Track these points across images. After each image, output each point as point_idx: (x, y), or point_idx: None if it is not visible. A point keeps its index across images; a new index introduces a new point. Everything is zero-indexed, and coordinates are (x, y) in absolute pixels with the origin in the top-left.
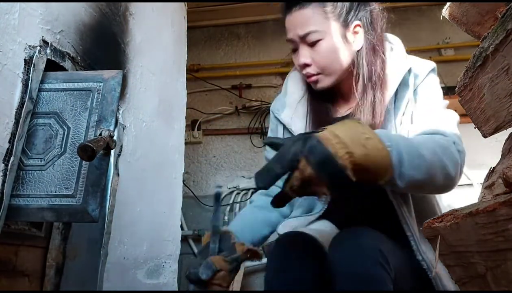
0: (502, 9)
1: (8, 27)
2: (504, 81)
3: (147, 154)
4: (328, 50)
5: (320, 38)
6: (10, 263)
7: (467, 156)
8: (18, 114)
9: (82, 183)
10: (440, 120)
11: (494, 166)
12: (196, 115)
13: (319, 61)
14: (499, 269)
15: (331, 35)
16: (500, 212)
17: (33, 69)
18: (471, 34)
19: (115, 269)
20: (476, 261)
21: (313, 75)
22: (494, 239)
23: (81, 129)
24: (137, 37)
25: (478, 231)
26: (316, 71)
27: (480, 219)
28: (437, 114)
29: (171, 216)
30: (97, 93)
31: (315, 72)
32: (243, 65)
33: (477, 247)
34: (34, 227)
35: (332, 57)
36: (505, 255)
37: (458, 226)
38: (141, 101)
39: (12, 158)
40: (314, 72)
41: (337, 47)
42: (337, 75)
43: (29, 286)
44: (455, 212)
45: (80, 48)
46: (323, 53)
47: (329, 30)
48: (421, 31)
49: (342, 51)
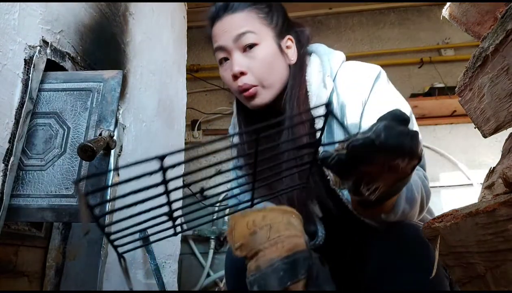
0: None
1: (8, 27)
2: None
3: (147, 154)
4: (265, 56)
5: (257, 42)
6: (10, 263)
7: (467, 156)
8: (18, 114)
9: (82, 183)
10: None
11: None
12: (196, 115)
13: (256, 68)
14: (498, 269)
15: (268, 41)
16: (500, 212)
17: (33, 69)
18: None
19: (115, 269)
20: (476, 261)
21: (250, 87)
22: (494, 239)
23: (81, 129)
24: (137, 37)
25: (478, 231)
26: (253, 81)
27: (480, 219)
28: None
29: None
30: (97, 93)
31: (252, 83)
32: None
33: (477, 247)
34: (34, 227)
35: (270, 66)
36: (504, 256)
37: (458, 226)
38: (141, 101)
39: (12, 158)
40: (251, 83)
41: (274, 55)
42: (276, 90)
43: (29, 286)
44: (455, 212)
45: (80, 48)
46: (261, 60)
47: (266, 35)
48: (421, 31)
49: (280, 62)
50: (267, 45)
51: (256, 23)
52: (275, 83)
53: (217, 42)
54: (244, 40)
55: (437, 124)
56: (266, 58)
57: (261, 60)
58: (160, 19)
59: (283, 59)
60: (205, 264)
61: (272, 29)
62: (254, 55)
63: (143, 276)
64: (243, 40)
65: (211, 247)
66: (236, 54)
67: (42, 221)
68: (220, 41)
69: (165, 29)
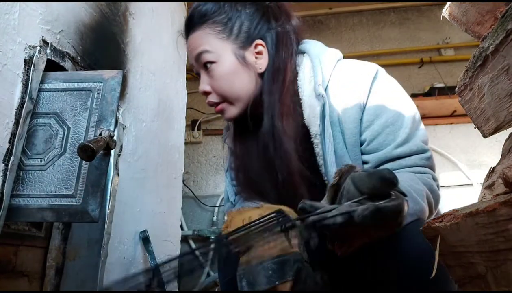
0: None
1: (8, 27)
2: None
3: (147, 154)
4: (223, 74)
5: (214, 60)
6: (10, 263)
7: (467, 156)
8: (18, 114)
9: (82, 183)
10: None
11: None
12: (196, 115)
13: (216, 87)
14: (499, 269)
15: (225, 58)
16: (500, 212)
17: (33, 69)
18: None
19: (115, 269)
20: (476, 261)
21: (217, 104)
22: (494, 239)
23: (81, 129)
24: (137, 37)
25: (478, 231)
26: (217, 99)
27: (480, 219)
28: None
29: (171, 216)
30: (97, 93)
31: (216, 101)
32: None
33: (477, 247)
34: (34, 227)
35: (229, 82)
36: (505, 255)
37: (458, 226)
38: (141, 101)
39: (12, 158)
40: (216, 101)
41: (233, 70)
42: (244, 103)
43: (29, 286)
44: (455, 212)
45: (80, 48)
46: (219, 78)
47: (222, 52)
48: (421, 31)
49: (241, 75)
50: (225, 61)
51: (212, 40)
52: (240, 97)
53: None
54: (202, 59)
55: (437, 124)
56: (224, 75)
57: (219, 79)
58: (160, 19)
59: (246, 71)
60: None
61: (231, 42)
62: (213, 74)
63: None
64: (201, 60)
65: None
66: (202, 75)
67: (42, 221)
68: (190, 61)
69: (165, 29)
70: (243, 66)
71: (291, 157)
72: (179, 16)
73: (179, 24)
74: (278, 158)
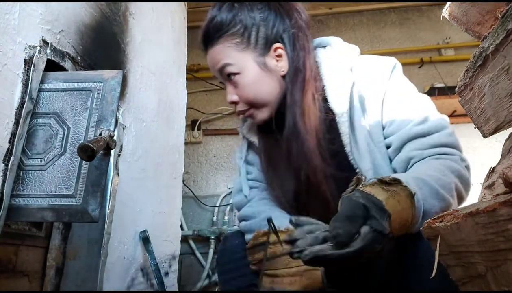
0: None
1: (8, 27)
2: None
3: (147, 154)
4: (248, 83)
5: (237, 71)
6: (10, 263)
7: (467, 156)
8: (18, 114)
9: (82, 183)
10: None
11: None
12: (196, 115)
13: (243, 96)
14: (499, 269)
15: (248, 68)
16: (500, 212)
17: (33, 69)
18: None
19: (115, 269)
20: (477, 261)
21: (245, 111)
22: (495, 239)
23: (81, 129)
24: (137, 37)
25: (478, 231)
26: (245, 107)
27: (480, 219)
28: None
29: (171, 216)
30: (97, 93)
31: (245, 108)
32: None
33: (477, 247)
34: (34, 227)
35: (254, 89)
36: (505, 255)
37: (458, 226)
38: (141, 101)
39: (12, 158)
40: (244, 108)
41: (258, 78)
42: (272, 105)
43: (29, 286)
44: (455, 212)
45: (80, 48)
46: (244, 88)
47: (244, 62)
48: (421, 31)
49: (265, 81)
50: (248, 70)
51: (232, 52)
52: (267, 102)
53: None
54: (226, 71)
55: None
56: (249, 85)
57: (245, 88)
58: (160, 19)
59: (270, 76)
60: (205, 264)
61: (251, 51)
62: (238, 84)
63: (143, 276)
64: (224, 72)
65: (211, 247)
66: (227, 85)
67: (42, 221)
68: (213, 72)
69: (165, 29)
70: (265, 72)
71: (312, 154)
72: (179, 16)
73: (179, 24)
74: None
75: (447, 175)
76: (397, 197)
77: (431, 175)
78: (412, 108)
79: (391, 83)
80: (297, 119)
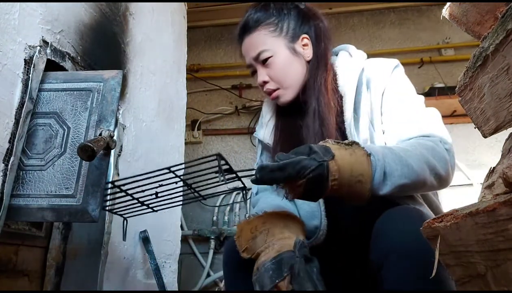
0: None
1: (8, 27)
2: (504, 81)
3: (147, 154)
4: (280, 64)
5: (271, 55)
6: (10, 263)
7: (467, 156)
8: (18, 114)
9: (82, 183)
10: (422, 120)
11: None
12: (196, 115)
13: (275, 76)
14: (499, 269)
15: (280, 52)
16: (500, 212)
17: (33, 69)
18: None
19: (115, 269)
20: (476, 260)
21: (273, 91)
22: (494, 239)
23: (81, 129)
24: (137, 37)
25: (478, 231)
26: (275, 86)
27: (480, 219)
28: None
29: (171, 216)
30: (97, 93)
31: (274, 87)
32: (243, 65)
33: (477, 247)
34: (34, 227)
35: (285, 70)
36: (505, 255)
37: (458, 226)
38: (141, 101)
39: (12, 158)
40: (273, 87)
41: (288, 61)
42: (296, 87)
43: (29, 286)
44: (455, 212)
45: (80, 48)
46: (277, 68)
47: (277, 47)
48: (421, 31)
49: (294, 64)
50: (280, 54)
51: (268, 39)
52: (294, 83)
53: (246, 61)
54: (261, 57)
55: None
56: (281, 66)
57: (277, 69)
58: (160, 19)
59: (298, 60)
60: (205, 264)
61: (283, 38)
62: (271, 66)
63: (143, 276)
64: (260, 57)
65: (211, 247)
66: (259, 69)
67: (42, 220)
68: (247, 60)
69: (165, 29)
70: (294, 56)
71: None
72: (179, 16)
73: (179, 24)
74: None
75: (417, 148)
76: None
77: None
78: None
79: (391, 80)
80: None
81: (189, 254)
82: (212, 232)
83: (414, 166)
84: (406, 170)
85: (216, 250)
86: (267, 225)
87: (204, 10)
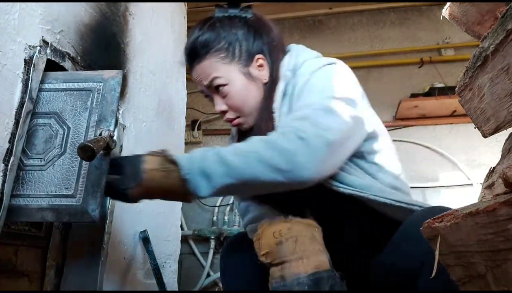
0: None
1: (8, 27)
2: (504, 81)
3: None
4: (237, 93)
5: (225, 83)
6: (10, 263)
7: (467, 156)
8: (18, 114)
9: (82, 183)
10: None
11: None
12: (196, 115)
13: (233, 105)
14: (499, 269)
15: (234, 79)
16: (500, 212)
17: (33, 69)
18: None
19: (115, 269)
20: (476, 260)
21: (234, 119)
22: (494, 239)
23: (81, 129)
24: (137, 37)
25: (478, 231)
26: (235, 115)
27: (480, 219)
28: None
29: (171, 216)
30: (97, 93)
31: (234, 116)
32: None
33: (477, 247)
34: (34, 227)
35: (243, 98)
36: (505, 255)
37: (458, 226)
38: (141, 101)
39: (12, 158)
40: (233, 116)
41: (244, 88)
42: (257, 112)
43: (29, 286)
44: (455, 212)
45: (80, 48)
46: (234, 98)
47: (231, 74)
48: (421, 31)
49: (251, 90)
50: (236, 82)
51: (219, 66)
52: (254, 109)
53: (198, 87)
54: (214, 84)
55: (437, 124)
56: (238, 95)
57: (234, 98)
58: (160, 19)
59: (254, 84)
60: (205, 264)
61: (236, 64)
62: (228, 95)
63: (143, 276)
64: (214, 84)
65: (211, 247)
66: (215, 97)
67: (42, 221)
68: (199, 87)
69: (165, 29)
70: (250, 81)
71: None
72: (179, 16)
73: (179, 24)
74: None
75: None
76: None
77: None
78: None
79: (313, 75)
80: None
81: (189, 254)
82: (212, 232)
83: (236, 164)
84: (226, 168)
85: (216, 250)
86: (293, 232)
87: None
